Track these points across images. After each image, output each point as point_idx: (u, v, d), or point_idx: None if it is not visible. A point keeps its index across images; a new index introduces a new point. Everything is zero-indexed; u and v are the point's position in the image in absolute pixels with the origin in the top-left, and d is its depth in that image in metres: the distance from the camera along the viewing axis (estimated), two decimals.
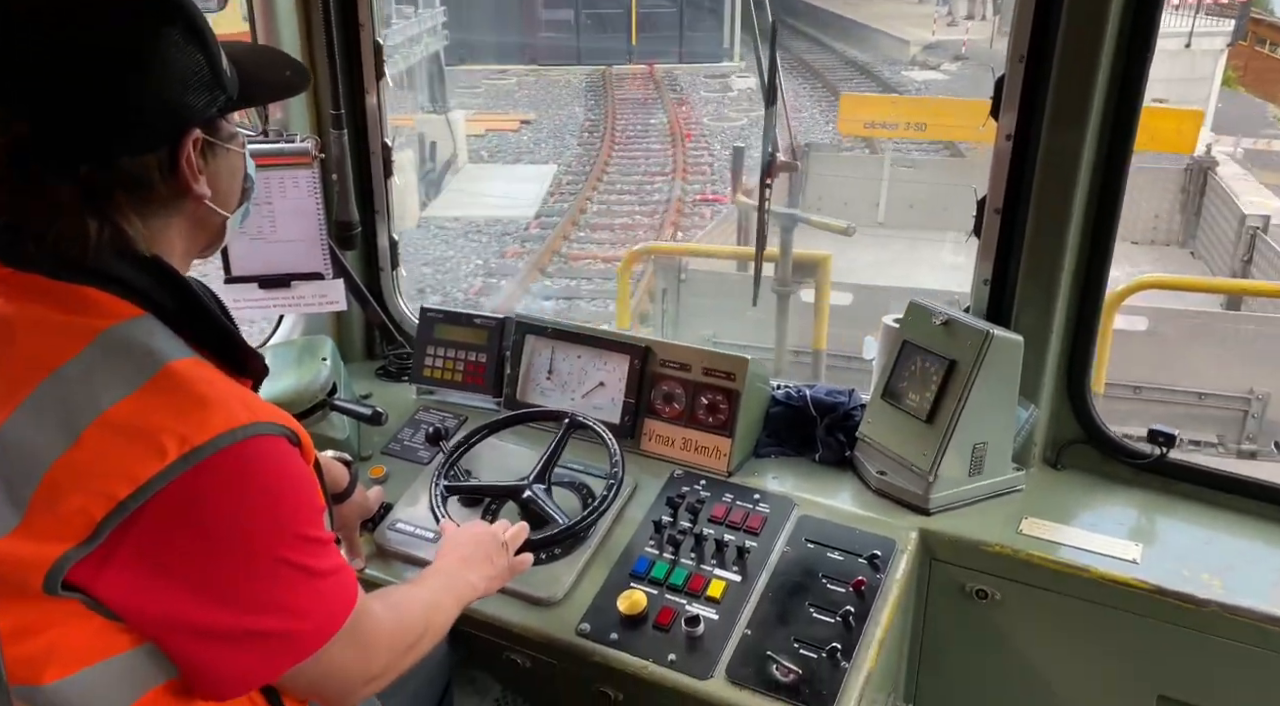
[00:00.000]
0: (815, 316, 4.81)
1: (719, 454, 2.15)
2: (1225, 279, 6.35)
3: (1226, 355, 4.67)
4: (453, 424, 2.36)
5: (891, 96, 15.70)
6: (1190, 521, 1.97)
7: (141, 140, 1.16)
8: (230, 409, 1.12)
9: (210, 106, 1.22)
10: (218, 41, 1.24)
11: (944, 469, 1.94)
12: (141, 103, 1.15)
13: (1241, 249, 6.24)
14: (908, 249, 8.27)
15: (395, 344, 2.63)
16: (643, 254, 6.14)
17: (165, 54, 1.15)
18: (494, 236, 12.63)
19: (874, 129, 8.93)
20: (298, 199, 2.25)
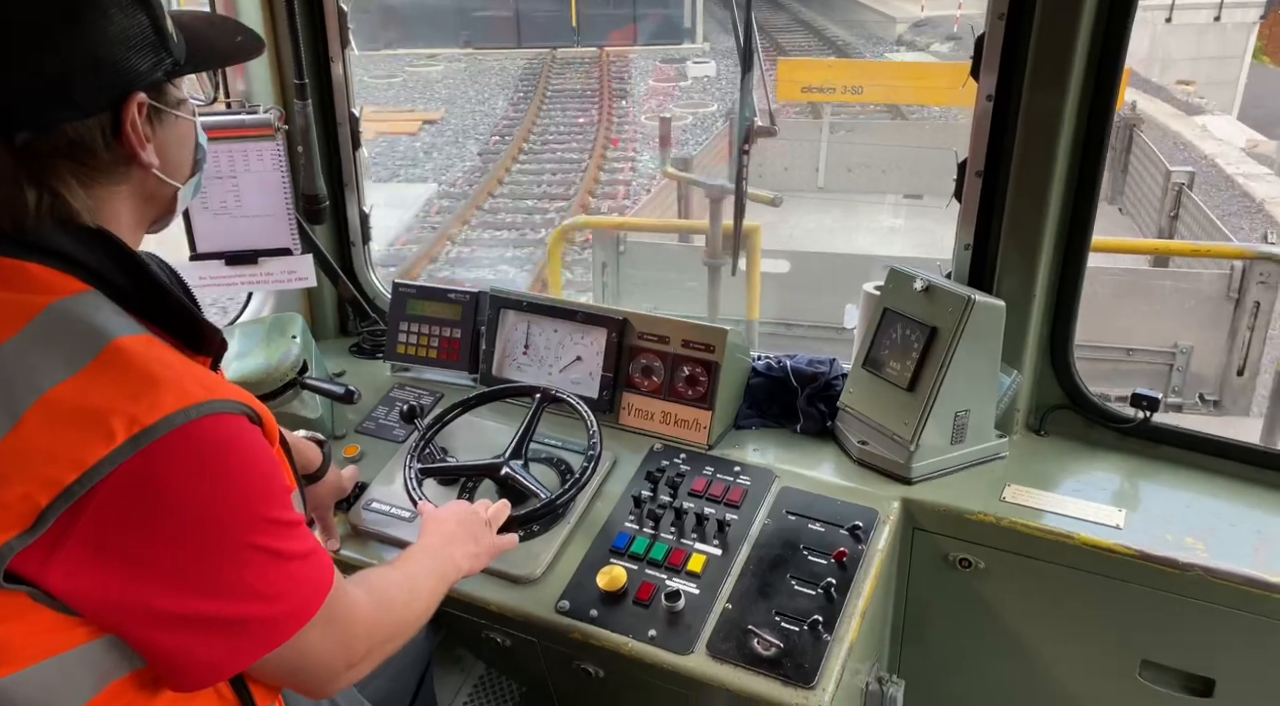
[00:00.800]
0: (747, 287, 4.85)
1: (699, 427, 2.12)
2: (1152, 239, 6.47)
3: (1152, 310, 4.73)
4: (428, 401, 2.32)
5: (829, 59, 15.70)
6: (1173, 485, 1.95)
7: (81, 103, 1.10)
8: (183, 387, 1.07)
9: (155, 69, 1.16)
10: (163, 4, 1.18)
11: (926, 437, 1.92)
12: (81, 64, 1.09)
13: (1168, 205, 6.32)
14: (847, 213, 8.30)
15: (368, 320, 2.58)
16: (574, 228, 6.09)
17: (105, 12, 1.10)
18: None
19: (811, 93, 8.87)
20: (262, 172, 2.19)
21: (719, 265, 5.00)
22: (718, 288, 5.05)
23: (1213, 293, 4.63)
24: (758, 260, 5.05)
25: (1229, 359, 4.54)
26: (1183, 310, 4.69)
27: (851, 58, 20.48)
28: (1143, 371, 4.79)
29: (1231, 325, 4.51)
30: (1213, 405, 4.63)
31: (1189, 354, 4.69)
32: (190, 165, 1.30)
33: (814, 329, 5.67)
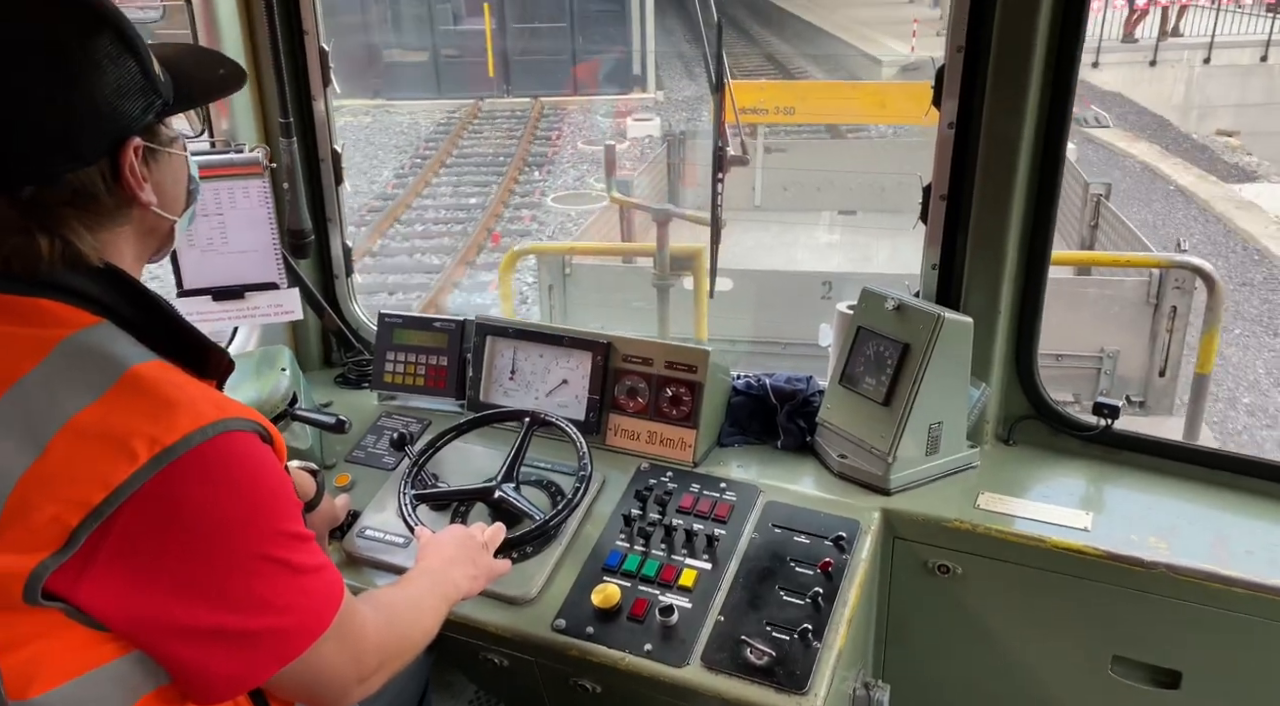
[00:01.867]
0: (695, 307, 4.97)
1: (684, 445, 2.18)
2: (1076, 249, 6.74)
3: (1079, 317, 4.92)
4: (416, 428, 2.36)
5: (760, 82, 15.80)
6: (1135, 488, 2.05)
7: (82, 154, 1.16)
8: (198, 408, 1.13)
9: (147, 112, 1.22)
10: (147, 45, 1.24)
11: (902, 449, 2.00)
12: (79, 117, 1.14)
13: (1088, 215, 6.60)
14: (784, 230, 8.52)
15: (353, 351, 2.62)
16: (524, 253, 6.19)
17: (97, 65, 1.15)
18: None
19: (746, 115, 9.08)
20: (249, 209, 2.23)
21: (668, 286, 5.14)
22: (667, 307, 5.17)
23: (1134, 298, 4.85)
24: (704, 281, 5.17)
25: (1151, 361, 4.75)
26: (1107, 316, 4.89)
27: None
28: (1071, 376, 4.98)
29: (1152, 329, 4.72)
30: (1139, 405, 4.83)
31: (1115, 358, 4.89)
32: (185, 197, 1.36)
33: (759, 344, 5.81)
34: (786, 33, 24.71)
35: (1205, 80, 18.67)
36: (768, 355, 5.70)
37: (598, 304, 5.89)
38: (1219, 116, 18.16)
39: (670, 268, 4.83)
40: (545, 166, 14.57)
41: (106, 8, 1.18)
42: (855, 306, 2.17)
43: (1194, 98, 18.63)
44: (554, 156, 15.15)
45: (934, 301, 2.17)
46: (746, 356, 5.84)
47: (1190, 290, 4.52)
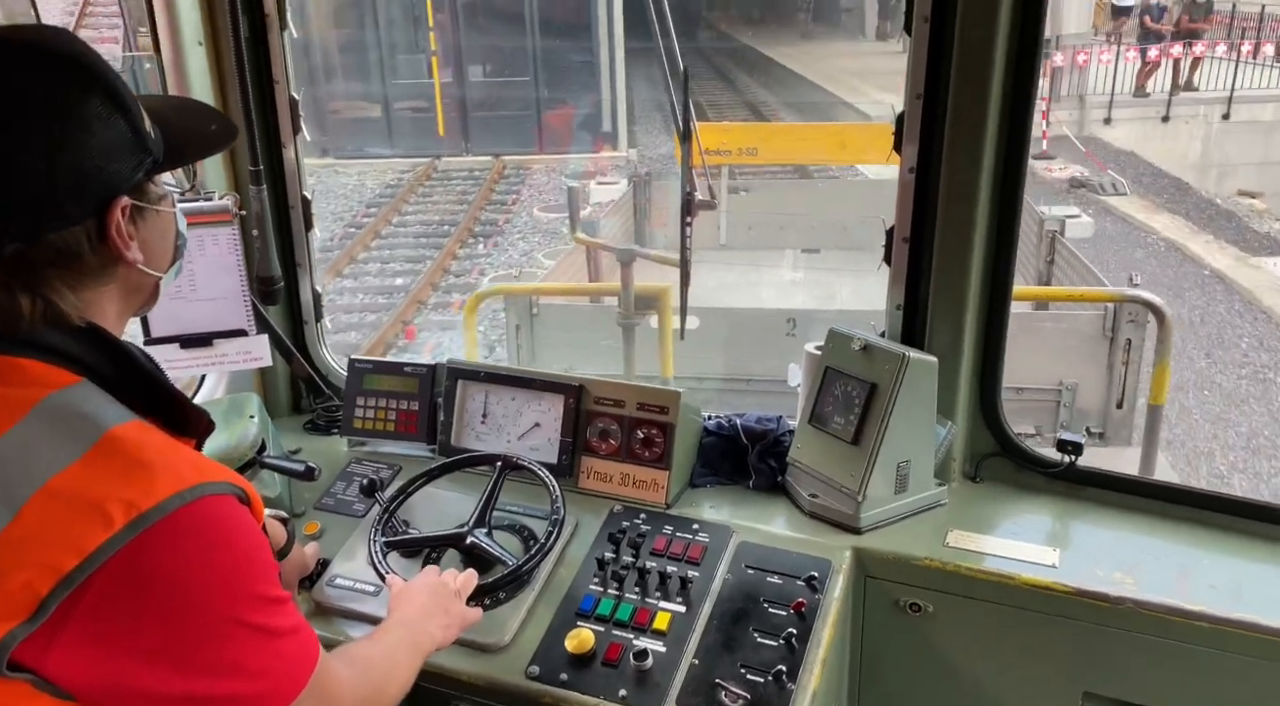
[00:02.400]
0: (660, 346, 5.02)
1: (657, 487, 2.19)
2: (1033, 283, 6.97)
3: (1037, 350, 5.04)
4: (387, 474, 2.35)
5: (723, 123, 15.92)
6: (1100, 524, 2.09)
7: (69, 214, 1.15)
8: (177, 471, 1.12)
9: (137, 171, 1.22)
10: (139, 102, 1.24)
11: (871, 488, 2.03)
12: (67, 178, 1.14)
13: (1044, 250, 6.78)
14: (750, 268, 8.66)
15: (323, 396, 2.60)
16: (489, 294, 6.21)
17: (88, 126, 1.15)
18: None
19: (710, 156, 9.29)
20: (218, 256, 2.23)
21: (633, 325, 5.18)
22: (632, 346, 5.21)
23: (1090, 332, 4.98)
24: (669, 320, 5.23)
25: (1109, 393, 4.86)
26: (1065, 349, 5.02)
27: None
28: (1032, 409, 5.07)
29: (1108, 361, 4.84)
30: (1098, 437, 4.93)
31: (1074, 390, 5.00)
32: (171, 253, 1.36)
33: (726, 381, 5.86)
34: (773, 83, 24.14)
35: (1224, 137, 17.43)
36: (734, 392, 5.75)
37: (566, 343, 5.91)
38: (1240, 176, 16.73)
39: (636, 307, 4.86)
40: (493, 238, 13.08)
41: (98, 67, 1.17)
42: (823, 346, 2.21)
43: (1212, 155, 17.40)
44: (505, 225, 13.63)
45: (899, 341, 2.21)
46: (713, 393, 5.87)
47: (1144, 323, 4.64)
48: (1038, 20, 1.95)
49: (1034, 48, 1.97)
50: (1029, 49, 1.97)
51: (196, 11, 2.25)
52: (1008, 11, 1.92)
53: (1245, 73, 17.88)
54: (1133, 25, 21.32)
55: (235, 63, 2.22)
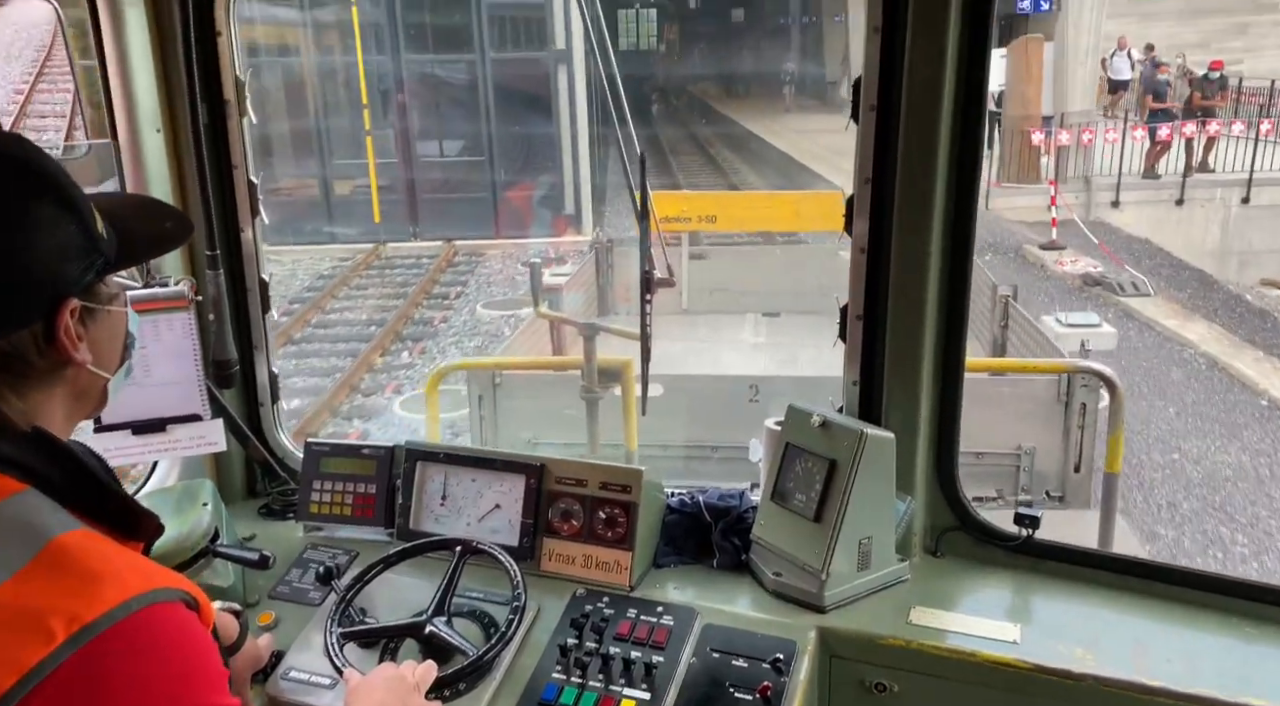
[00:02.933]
0: (624, 418, 5.03)
1: (620, 568, 2.17)
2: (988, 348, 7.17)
3: (995, 415, 5.14)
4: (344, 560, 2.30)
5: (683, 192, 16.11)
6: (1059, 597, 2.11)
7: (15, 319, 1.14)
8: (123, 579, 1.09)
9: (87, 273, 1.20)
10: (90, 203, 1.23)
11: (835, 566, 2.03)
12: (15, 283, 1.12)
13: (999, 315, 6.94)
14: (712, 332, 8.78)
15: (279, 480, 2.56)
16: (451, 369, 6.19)
17: (37, 229, 1.14)
18: None
19: (671, 223, 9.49)
20: (173, 342, 2.20)
21: (597, 398, 5.17)
22: (596, 420, 5.19)
23: (1046, 397, 5.11)
24: (633, 391, 5.24)
25: (1066, 457, 4.95)
26: (1022, 414, 5.13)
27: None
28: (992, 473, 5.15)
29: (1064, 426, 4.94)
30: (1058, 500, 5.01)
31: (1032, 455, 5.09)
32: (122, 353, 1.34)
33: (690, 449, 5.87)
34: (756, 160, 23.53)
35: (1244, 223, 16.19)
36: (699, 460, 5.74)
37: (530, 412, 5.88)
38: (1263, 264, 15.56)
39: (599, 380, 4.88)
40: (423, 342, 11.52)
41: (48, 170, 1.16)
42: (783, 422, 2.22)
43: (1232, 242, 16.24)
44: (441, 325, 12.12)
45: (857, 416, 2.24)
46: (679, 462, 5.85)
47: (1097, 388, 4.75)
48: (980, 103, 2.04)
49: (977, 130, 2.05)
50: (972, 132, 2.05)
51: (154, 98, 2.27)
52: (950, 97, 2.01)
53: (1266, 153, 16.36)
54: (1129, 100, 20.86)
55: (194, 148, 2.23)
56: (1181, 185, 16.80)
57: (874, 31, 2.05)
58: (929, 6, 1.95)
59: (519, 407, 5.84)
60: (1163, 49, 20.58)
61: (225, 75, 2.34)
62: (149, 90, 2.25)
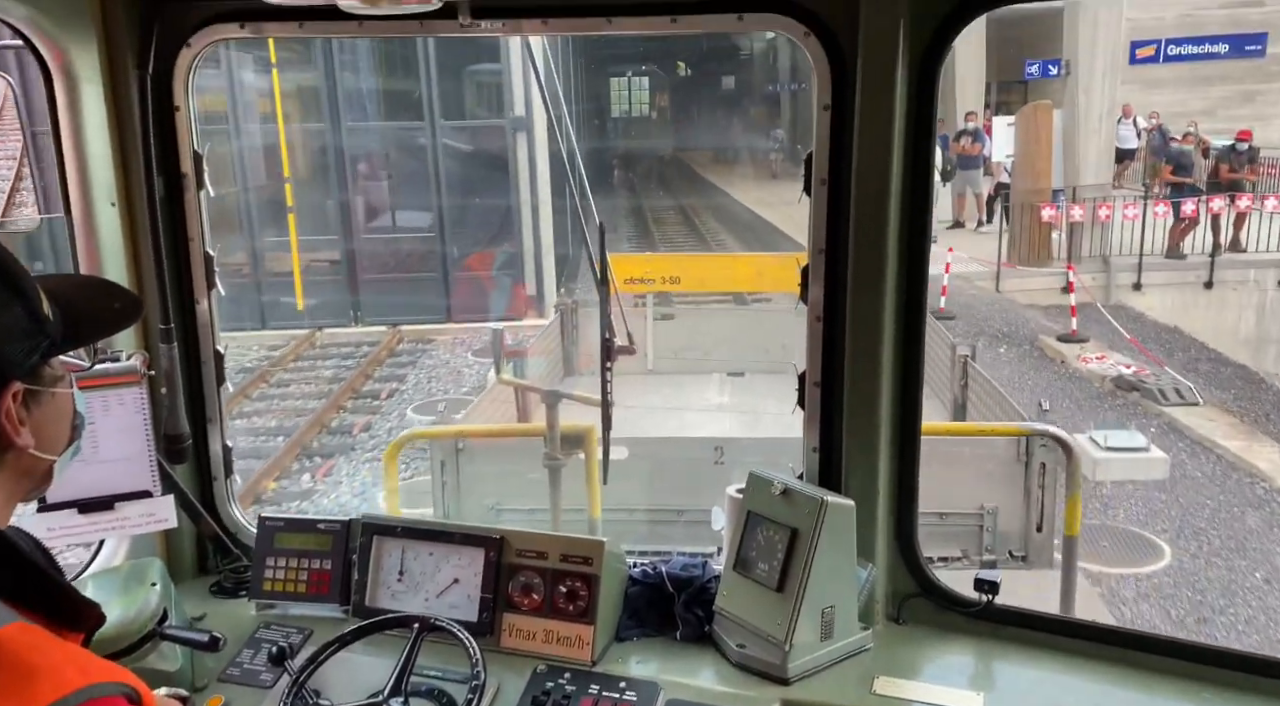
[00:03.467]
0: (587, 485, 4.99)
1: (582, 643, 2.13)
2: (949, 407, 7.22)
3: (957, 476, 5.18)
4: (297, 639, 2.24)
5: (646, 254, 16.10)
6: (1021, 663, 2.11)
7: None
8: (61, 675, 1.06)
9: (31, 355, 1.19)
10: (36, 284, 1.21)
11: (798, 636, 2.01)
12: None
13: (958, 375, 7.00)
14: (677, 393, 8.83)
15: (231, 557, 2.49)
16: (410, 439, 6.13)
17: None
18: None
19: (634, 284, 9.60)
20: (123, 417, 2.16)
21: (559, 466, 5.12)
22: (558, 488, 5.12)
23: (1006, 456, 5.13)
24: (595, 457, 5.19)
25: (1028, 516, 4.98)
26: (983, 474, 5.15)
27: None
28: (955, 533, 5.16)
29: (1025, 485, 4.98)
30: (1021, 560, 5.01)
31: (995, 515, 5.11)
32: (68, 435, 1.31)
33: (655, 513, 5.83)
34: (741, 229, 22.89)
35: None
36: (664, 524, 5.68)
37: (493, 478, 5.81)
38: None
39: (563, 445, 4.84)
40: (334, 458, 9.62)
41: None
42: (744, 490, 2.22)
43: (1270, 328, 14.79)
44: (361, 434, 10.26)
45: (817, 483, 2.25)
46: (643, 526, 5.79)
47: (1055, 448, 4.80)
48: (927, 176, 2.11)
49: (925, 200, 2.12)
50: (921, 202, 2.11)
51: (110, 172, 2.26)
52: (898, 169, 2.07)
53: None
54: (1135, 169, 19.95)
55: (149, 222, 2.22)
56: (1210, 265, 15.13)
57: (824, 109, 2.12)
58: (875, 85, 2.03)
59: (482, 473, 5.77)
60: (1168, 118, 19.85)
61: (183, 149, 2.34)
62: (104, 164, 2.24)
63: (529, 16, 2.20)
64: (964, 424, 6.60)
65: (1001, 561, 4.98)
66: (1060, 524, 4.39)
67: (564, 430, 4.72)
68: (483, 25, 2.20)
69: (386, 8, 1.83)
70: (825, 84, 2.11)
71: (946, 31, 2.03)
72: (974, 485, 5.09)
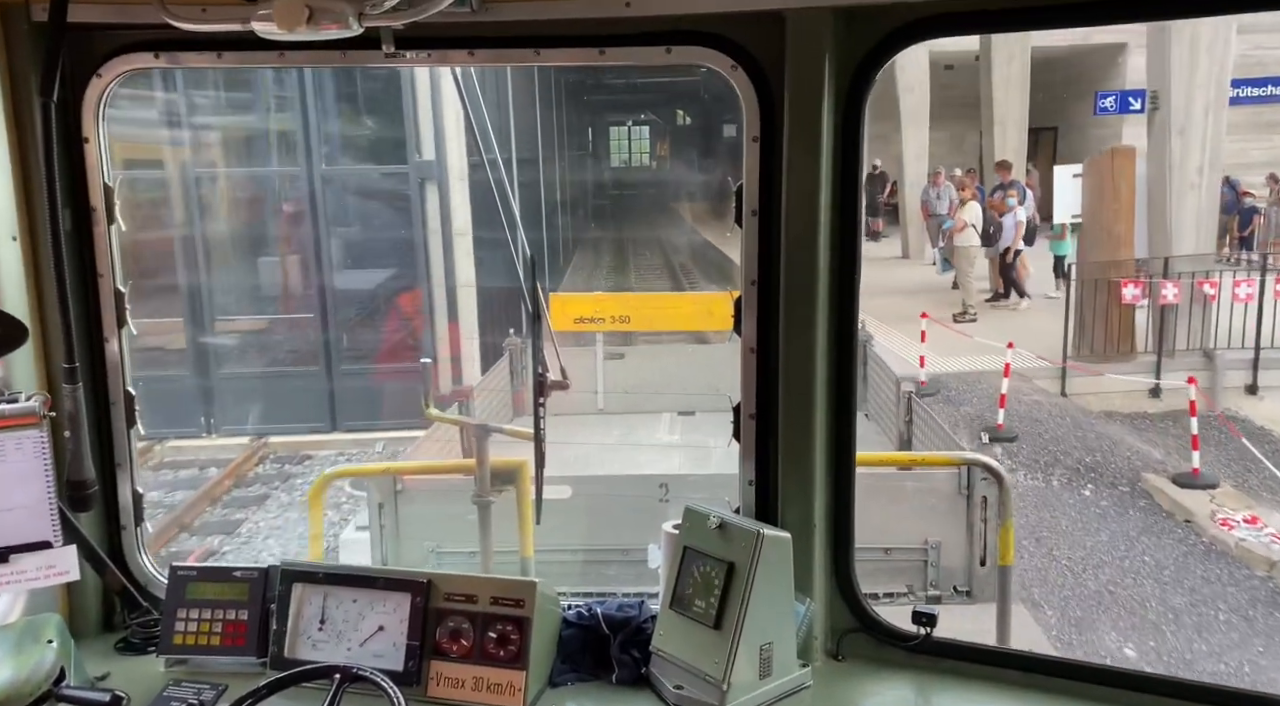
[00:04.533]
0: (519, 523, 4.87)
1: (513, 690, 2.05)
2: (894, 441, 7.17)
3: (901, 511, 5.22)
4: (210, 696, 2.11)
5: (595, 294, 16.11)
6: (959, 697, 2.08)
7: None
8: None
9: None
10: None
11: (736, 675, 1.96)
12: None
13: (902, 411, 7.08)
14: (627, 432, 8.80)
15: (140, 611, 2.35)
16: (334, 477, 5.90)
17: None
18: None
19: (584, 323, 9.59)
20: (20, 462, 2.03)
21: (488, 503, 4.97)
22: (489, 527, 4.98)
23: (948, 490, 5.19)
24: (527, 495, 5.08)
25: (971, 550, 5.00)
26: (926, 509, 5.19)
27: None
28: (901, 568, 5.17)
29: (967, 519, 5.01)
30: (965, 594, 5.03)
31: (939, 549, 5.13)
32: None
33: (597, 552, 5.73)
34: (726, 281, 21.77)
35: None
36: (605, 563, 5.58)
37: (433, 519, 5.65)
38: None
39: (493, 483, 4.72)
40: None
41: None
42: (680, 525, 2.18)
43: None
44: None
45: (754, 517, 2.21)
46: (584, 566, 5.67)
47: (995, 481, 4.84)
48: (854, 205, 2.13)
49: (854, 229, 2.13)
50: (850, 231, 2.12)
51: (11, 204, 2.16)
52: (828, 198, 2.08)
53: None
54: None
55: (53, 258, 2.11)
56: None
57: (753, 141, 2.13)
58: (802, 118, 2.04)
59: (422, 515, 5.62)
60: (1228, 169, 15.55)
61: (92, 181, 2.25)
62: (6, 197, 2.14)
63: (455, 48, 2.17)
64: (897, 454, 6.64)
65: (946, 597, 4.98)
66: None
67: (494, 466, 4.61)
68: (408, 56, 2.17)
69: (305, 34, 1.78)
70: (754, 117, 2.12)
71: (871, 65, 2.06)
72: (918, 519, 5.12)
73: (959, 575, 5.06)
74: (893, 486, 5.35)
